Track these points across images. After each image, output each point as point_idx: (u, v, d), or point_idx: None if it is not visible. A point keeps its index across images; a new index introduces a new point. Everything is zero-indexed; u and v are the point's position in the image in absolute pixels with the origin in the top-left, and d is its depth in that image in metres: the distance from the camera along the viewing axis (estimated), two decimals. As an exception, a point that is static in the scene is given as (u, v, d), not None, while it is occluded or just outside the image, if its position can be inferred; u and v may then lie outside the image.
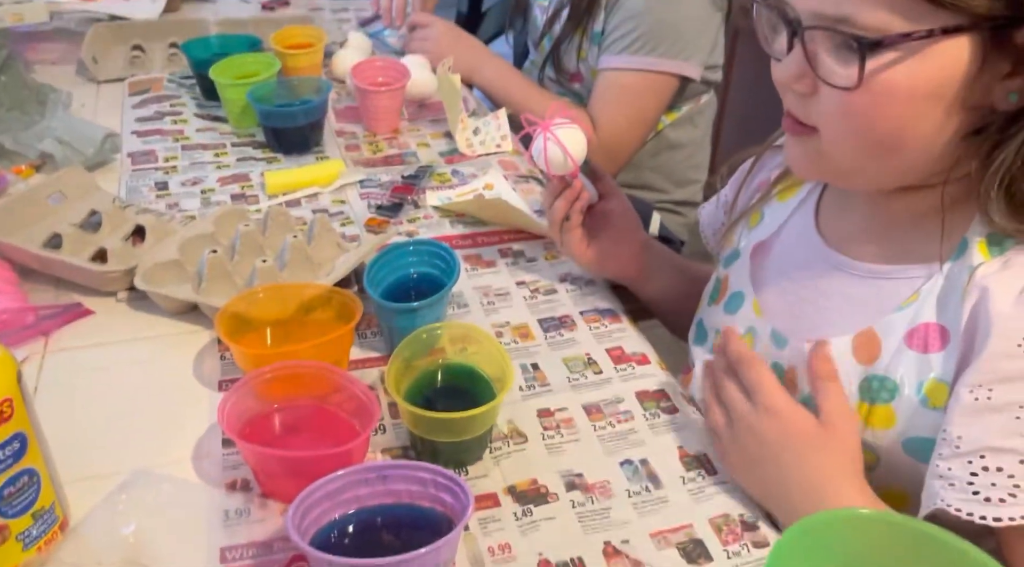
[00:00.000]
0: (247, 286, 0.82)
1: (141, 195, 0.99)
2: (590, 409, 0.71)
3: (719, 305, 0.77)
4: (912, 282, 0.61)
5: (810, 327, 0.66)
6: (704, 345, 0.78)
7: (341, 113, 1.22)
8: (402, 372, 0.68)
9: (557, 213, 0.81)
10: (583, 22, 1.29)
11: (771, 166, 0.78)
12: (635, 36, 1.22)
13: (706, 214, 0.91)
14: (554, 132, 0.75)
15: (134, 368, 0.75)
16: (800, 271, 0.69)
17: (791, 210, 0.74)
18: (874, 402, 0.60)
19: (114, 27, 1.38)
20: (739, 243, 0.78)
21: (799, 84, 0.58)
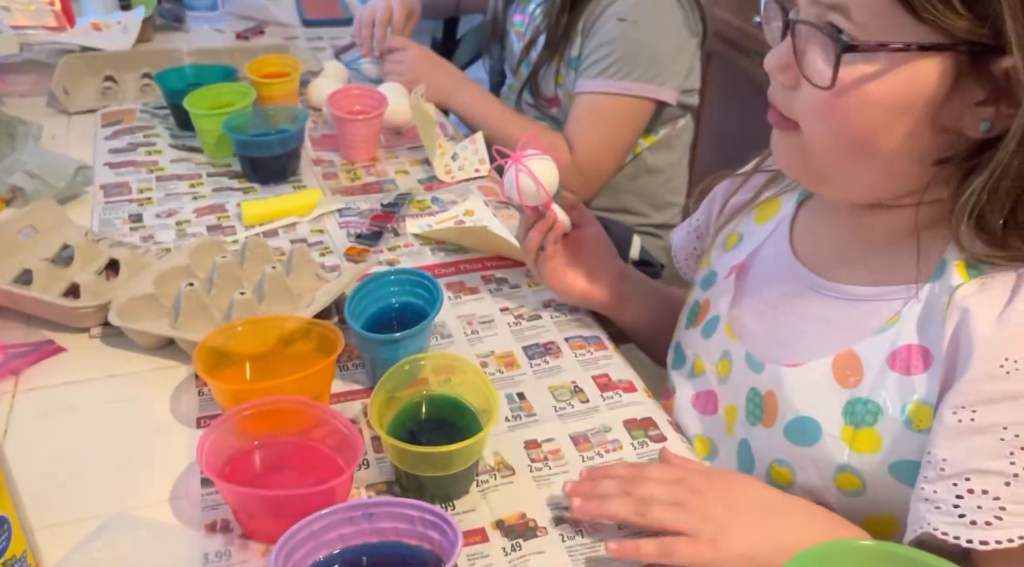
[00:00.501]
0: (225, 319, 0.80)
1: (115, 228, 0.97)
2: (578, 439, 0.70)
3: (696, 329, 0.76)
4: (891, 304, 0.60)
5: (788, 351, 0.65)
6: (682, 369, 0.77)
7: (318, 141, 1.21)
8: (385, 405, 0.67)
9: (532, 243, 0.80)
10: (560, 48, 1.30)
11: (747, 188, 0.78)
12: (611, 61, 1.23)
13: (678, 239, 0.91)
14: (526, 164, 0.74)
15: (109, 407, 0.73)
16: (777, 294, 0.69)
17: (768, 231, 0.73)
18: (859, 426, 0.60)
19: (86, 58, 1.37)
20: (715, 264, 0.78)
21: (783, 75, 0.57)
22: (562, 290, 0.84)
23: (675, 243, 0.91)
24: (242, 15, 1.65)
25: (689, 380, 0.75)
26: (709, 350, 0.73)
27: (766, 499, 0.60)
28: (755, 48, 2.08)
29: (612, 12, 1.23)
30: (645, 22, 1.23)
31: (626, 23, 1.22)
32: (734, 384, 0.69)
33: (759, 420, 0.66)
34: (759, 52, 2.19)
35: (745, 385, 0.67)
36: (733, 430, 0.69)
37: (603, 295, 0.84)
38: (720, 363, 0.71)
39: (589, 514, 0.60)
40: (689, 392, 0.74)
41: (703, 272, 0.79)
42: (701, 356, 0.73)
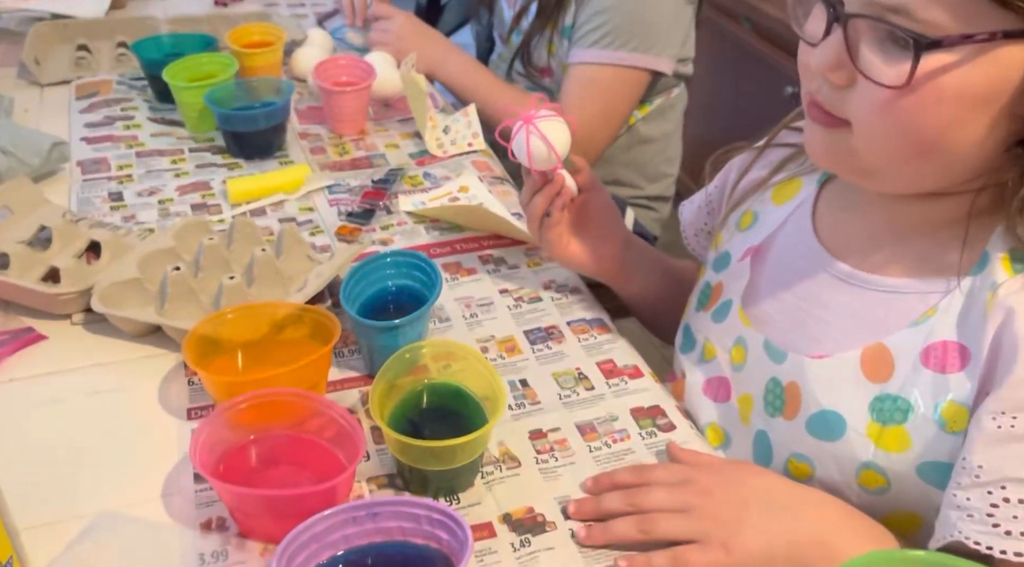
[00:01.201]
0: (213, 304, 0.77)
1: (94, 207, 0.93)
2: (584, 428, 0.68)
3: (707, 312, 0.74)
4: (926, 296, 0.58)
5: (812, 341, 0.63)
6: (692, 352, 0.74)
7: (304, 114, 1.16)
8: (385, 394, 0.64)
9: (537, 209, 0.77)
10: (553, 16, 1.26)
11: (763, 164, 0.75)
12: (606, 30, 1.19)
13: (688, 214, 0.88)
14: (537, 125, 0.71)
15: (93, 398, 0.70)
16: (798, 281, 0.66)
17: (787, 213, 0.70)
18: (886, 423, 0.58)
19: (57, 26, 1.30)
20: (728, 245, 0.75)
21: (834, 75, 0.53)
22: (566, 258, 0.81)
23: (684, 218, 0.88)
24: (220, -20, 1.59)
25: (699, 365, 0.72)
26: (721, 335, 0.70)
27: (778, 492, 0.58)
28: (745, 14, 2.04)
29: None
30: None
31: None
32: (751, 373, 0.67)
33: (779, 412, 0.64)
34: (749, 18, 2.14)
35: (764, 374, 0.65)
36: (749, 420, 0.67)
37: (607, 264, 0.82)
38: (734, 350, 0.69)
39: (595, 542, 0.58)
40: (700, 378, 0.72)
41: (715, 252, 0.76)
42: (712, 341, 0.71)
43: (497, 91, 1.26)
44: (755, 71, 2.04)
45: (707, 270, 0.77)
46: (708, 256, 0.78)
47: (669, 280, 0.87)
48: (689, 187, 2.49)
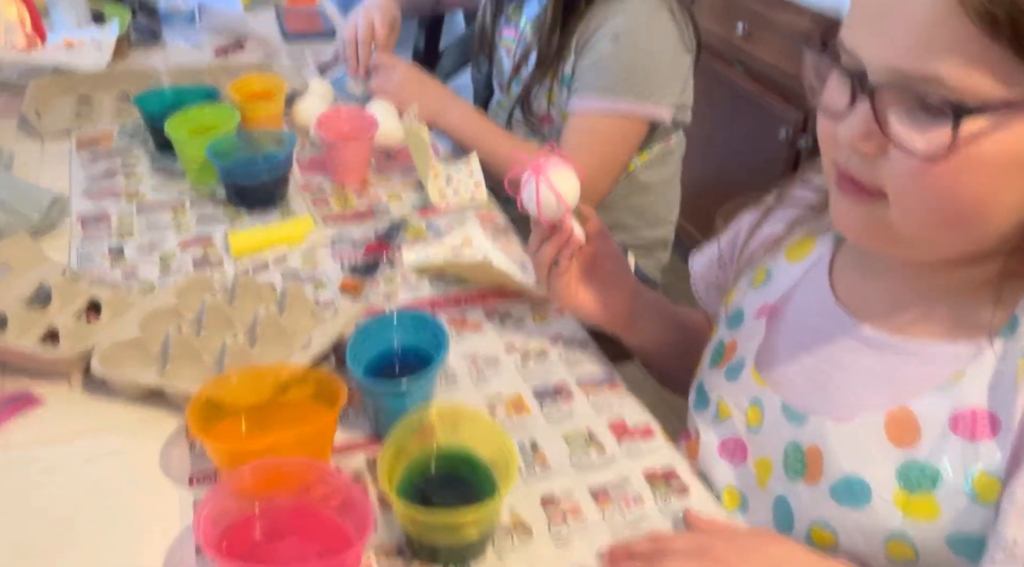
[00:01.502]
0: (216, 365, 0.75)
1: (94, 263, 0.92)
2: (597, 494, 0.66)
3: (720, 370, 0.72)
4: (952, 360, 0.57)
5: (833, 403, 0.62)
6: (705, 411, 0.73)
7: (306, 165, 1.16)
8: (393, 461, 0.63)
9: (545, 257, 0.76)
10: (553, 66, 1.26)
11: (775, 220, 0.74)
12: (606, 79, 1.19)
13: (698, 267, 0.87)
14: (548, 176, 0.71)
15: (92, 466, 0.68)
16: (817, 341, 0.65)
17: (802, 271, 0.69)
18: (914, 491, 0.56)
19: (58, 78, 1.31)
20: (741, 302, 0.74)
21: (865, 145, 0.52)
22: (574, 307, 0.80)
23: (694, 270, 0.87)
24: (221, 30, 1.60)
25: (714, 425, 0.71)
26: (736, 395, 0.69)
27: (799, 562, 0.57)
28: (738, 58, 2.07)
29: (606, 30, 1.20)
30: (640, 40, 1.20)
31: (620, 41, 1.19)
32: (768, 435, 0.65)
33: (800, 476, 0.62)
34: (742, 62, 2.16)
35: (782, 437, 0.64)
36: (767, 484, 0.65)
37: (616, 313, 0.81)
38: (750, 410, 0.67)
39: None
40: (714, 438, 0.70)
41: (728, 309, 0.75)
42: (727, 400, 0.70)
43: (499, 140, 1.26)
44: (749, 115, 2.05)
45: (720, 327, 0.76)
46: (720, 312, 0.77)
47: (677, 330, 0.86)
48: (689, 232, 2.49)
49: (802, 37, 1.78)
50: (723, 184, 2.23)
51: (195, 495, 0.66)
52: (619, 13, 1.19)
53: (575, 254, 0.77)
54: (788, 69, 1.86)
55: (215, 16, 1.59)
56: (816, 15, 1.75)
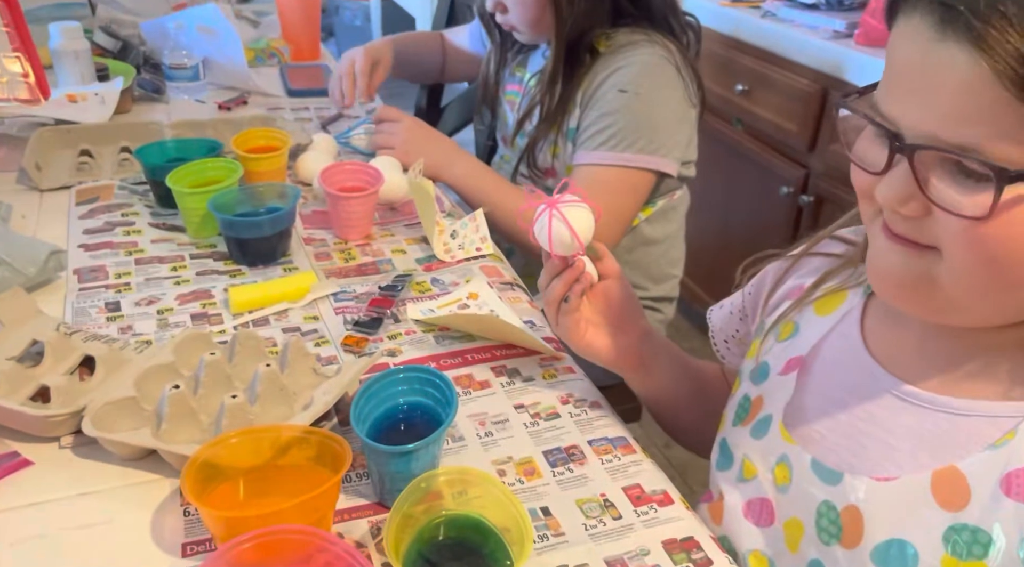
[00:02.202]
0: (214, 424, 0.72)
1: (90, 318, 0.89)
2: (614, 565, 0.63)
3: (745, 427, 0.69)
4: (999, 419, 0.54)
5: (872, 462, 0.58)
6: (729, 470, 0.70)
7: (308, 219, 1.14)
8: (400, 530, 0.59)
9: (555, 294, 0.75)
10: (557, 120, 1.26)
11: (801, 272, 0.72)
12: (612, 132, 1.19)
13: (717, 320, 0.85)
14: (561, 210, 0.69)
15: (80, 533, 0.64)
16: (850, 398, 0.62)
17: (831, 324, 0.66)
18: (964, 557, 0.53)
19: (60, 131, 1.30)
20: (765, 355, 0.71)
21: (906, 208, 0.51)
22: (582, 346, 0.78)
23: (713, 324, 0.85)
24: (224, 85, 1.60)
25: (738, 485, 0.67)
26: (762, 452, 0.66)
27: None
28: (736, 115, 2.08)
29: (612, 83, 1.20)
30: (646, 93, 1.20)
31: (627, 94, 1.19)
32: (797, 494, 0.62)
33: (836, 539, 0.58)
34: (740, 120, 2.17)
35: (814, 497, 0.60)
36: (799, 547, 0.61)
37: (626, 355, 0.78)
38: (777, 469, 0.64)
39: None
40: (739, 499, 0.67)
41: (752, 363, 0.72)
42: (752, 458, 0.67)
43: (506, 192, 1.25)
44: (750, 172, 2.06)
45: (743, 381, 0.73)
46: (743, 366, 0.74)
47: (689, 379, 0.84)
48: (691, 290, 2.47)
49: (801, 95, 1.80)
50: (725, 242, 2.23)
51: (188, 566, 0.62)
52: (625, 66, 1.19)
53: (586, 292, 0.75)
54: (788, 127, 1.87)
55: (219, 72, 1.59)
56: (815, 73, 1.76)
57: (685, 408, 0.83)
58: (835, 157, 1.76)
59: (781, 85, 1.87)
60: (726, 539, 0.67)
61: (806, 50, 1.78)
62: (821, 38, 1.75)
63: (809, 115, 1.79)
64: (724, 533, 0.68)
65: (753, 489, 0.66)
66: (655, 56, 1.20)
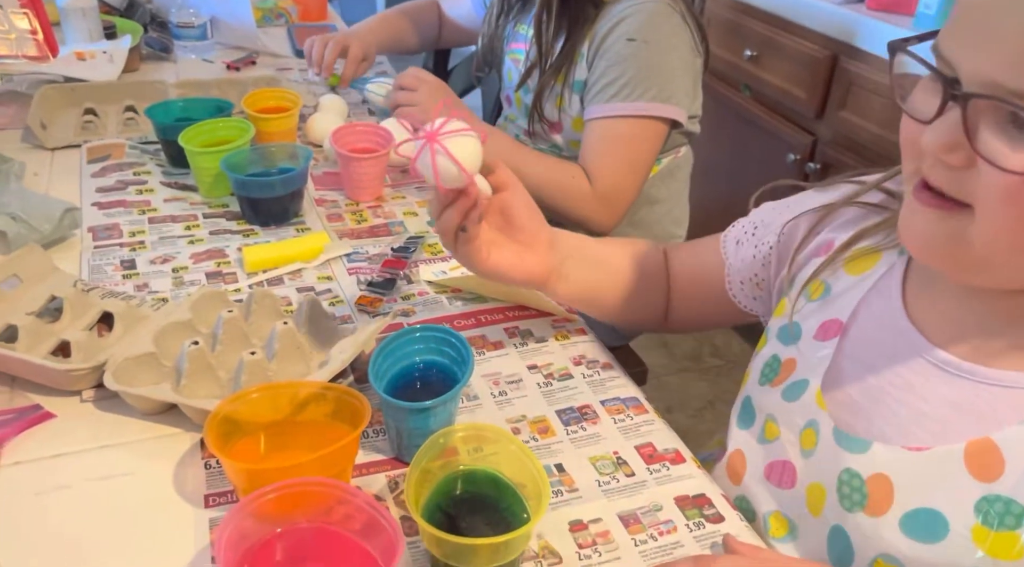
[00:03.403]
0: (232, 381, 0.73)
1: (106, 275, 0.90)
2: (627, 519, 0.64)
3: (775, 389, 0.67)
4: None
5: (904, 431, 0.58)
6: (750, 429, 0.69)
7: (320, 180, 1.14)
8: (419, 484, 0.61)
9: (449, 224, 0.69)
10: (562, 70, 1.24)
11: (836, 225, 0.69)
12: (623, 82, 1.17)
13: (736, 258, 0.80)
14: (443, 143, 0.64)
15: (103, 484, 0.65)
16: (886, 365, 0.60)
17: (867, 287, 0.65)
18: (996, 528, 0.52)
19: (64, 89, 1.29)
20: (796, 315, 0.69)
21: (950, 156, 0.49)
22: (488, 271, 0.72)
23: (732, 262, 0.81)
24: (232, 45, 1.59)
25: (761, 445, 0.67)
26: (791, 416, 0.65)
27: None
28: (744, 81, 2.07)
29: (619, 33, 1.18)
30: (655, 41, 1.18)
31: (636, 43, 1.17)
32: (821, 460, 0.62)
33: (860, 506, 0.58)
34: (748, 86, 2.16)
35: (837, 464, 0.60)
36: (821, 513, 0.61)
37: (534, 271, 0.74)
38: (805, 433, 0.63)
39: None
40: (760, 460, 0.67)
41: (781, 321, 0.70)
42: (778, 420, 0.66)
43: (521, 156, 1.23)
44: (757, 139, 2.05)
45: (771, 340, 0.71)
46: (771, 323, 0.73)
47: (607, 273, 0.81)
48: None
49: (810, 61, 1.78)
50: (731, 208, 2.22)
51: (210, 515, 0.63)
52: (631, 16, 1.17)
53: (483, 216, 0.71)
54: (796, 93, 1.86)
55: (227, 31, 1.58)
56: (825, 39, 1.75)
57: (608, 298, 0.80)
58: (843, 124, 1.75)
59: (790, 51, 1.86)
60: (743, 499, 0.68)
61: (816, 15, 1.77)
62: (832, 3, 1.73)
63: (818, 82, 1.78)
64: (742, 493, 0.68)
65: (775, 451, 0.66)
66: (660, 4, 1.18)
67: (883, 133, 1.65)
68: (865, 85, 1.67)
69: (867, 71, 1.66)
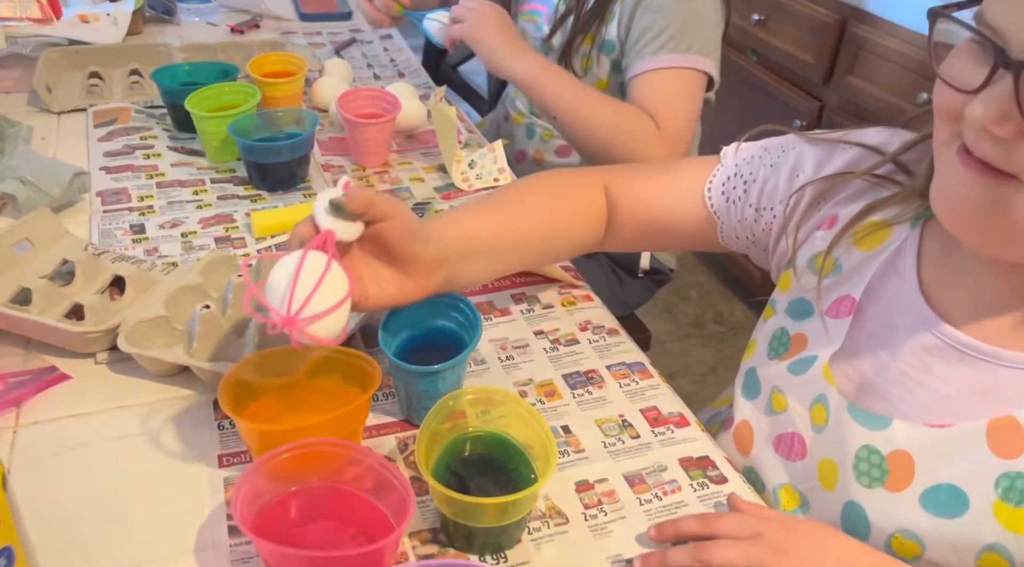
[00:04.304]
0: (244, 344, 0.74)
1: (116, 239, 0.91)
2: (632, 480, 0.66)
3: (783, 363, 0.67)
4: None
5: (924, 409, 0.58)
6: (756, 399, 0.69)
7: (325, 145, 1.15)
8: (429, 446, 0.62)
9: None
10: (591, 29, 1.21)
11: (838, 199, 0.67)
12: (670, 34, 1.12)
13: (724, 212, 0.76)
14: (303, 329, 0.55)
15: (120, 443, 0.67)
16: (903, 345, 0.60)
17: (879, 262, 0.63)
18: (1018, 503, 0.53)
19: (69, 52, 1.28)
20: (804, 291, 0.67)
21: (1000, 128, 0.47)
22: (371, 307, 0.63)
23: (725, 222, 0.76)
24: (236, 7, 1.58)
25: (768, 416, 0.67)
26: (799, 389, 0.65)
27: (861, 562, 0.55)
28: (752, 46, 2.05)
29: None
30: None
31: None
32: (835, 436, 0.61)
33: (879, 482, 0.59)
34: (756, 51, 2.12)
35: (854, 440, 0.60)
36: (835, 488, 0.61)
37: (418, 295, 0.65)
38: (815, 408, 0.63)
39: None
40: (768, 431, 0.67)
41: (787, 295, 0.70)
42: (786, 393, 0.66)
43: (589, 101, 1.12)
44: (764, 105, 2.04)
45: (777, 313, 0.71)
46: (775, 296, 0.72)
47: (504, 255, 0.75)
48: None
49: (819, 25, 1.77)
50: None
51: (224, 475, 0.65)
52: None
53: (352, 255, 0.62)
54: (804, 58, 1.84)
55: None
56: (834, 3, 1.73)
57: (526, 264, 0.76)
58: (850, 90, 1.74)
59: (798, 15, 1.84)
60: (751, 471, 0.68)
61: (826, -21, 1.75)
62: (843, -33, 1.71)
63: (826, 47, 1.77)
64: (750, 464, 0.68)
65: (783, 422, 0.66)
66: None
67: (891, 98, 1.64)
68: (873, 50, 1.66)
69: (876, 36, 1.65)
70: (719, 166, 0.78)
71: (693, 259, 2.40)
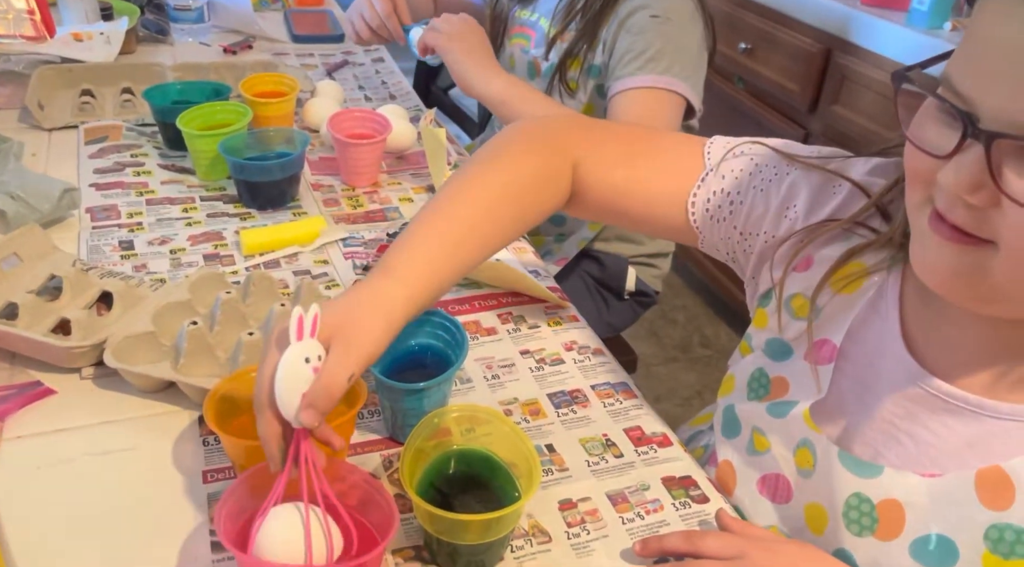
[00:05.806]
0: (231, 361, 0.75)
1: (104, 256, 0.91)
2: (615, 498, 0.66)
3: (761, 405, 0.66)
4: None
5: (912, 459, 0.57)
6: (736, 439, 0.68)
7: (316, 165, 1.15)
8: (413, 463, 0.62)
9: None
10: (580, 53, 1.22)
11: (817, 242, 0.65)
12: (651, 55, 1.14)
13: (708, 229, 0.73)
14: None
15: (104, 459, 0.67)
16: (888, 395, 0.59)
17: (859, 307, 0.62)
18: (1007, 556, 0.52)
19: (61, 70, 1.29)
20: (782, 331, 0.66)
21: (974, 197, 0.46)
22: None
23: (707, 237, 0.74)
24: (230, 28, 1.59)
25: (750, 456, 0.66)
26: (781, 432, 0.64)
27: None
28: (738, 74, 2.08)
29: (643, 13, 1.15)
30: (677, 20, 1.16)
31: (660, 19, 1.15)
32: (823, 481, 0.61)
33: (869, 531, 0.58)
34: (743, 78, 2.15)
35: (844, 487, 0.59)
36: (824, 533, 0.61)
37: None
38: (799, 453, 0.63)
39: None
40: (752, 473, 0.66)
41: (763, 333, 0.68)
42: (767, 435, 0.65)
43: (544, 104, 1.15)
44: (748, 131, 2.04)
45: (755, 351, 0.69)
46: (750, 332, 0.71)
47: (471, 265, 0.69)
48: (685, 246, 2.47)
49: (804, 55, 1.80)
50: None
51: (208, 490, 0.65)
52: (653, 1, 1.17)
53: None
54: (790, 87, 1.87)
55: (224, 15, 1.58)
56: (820, 34, 1.77)
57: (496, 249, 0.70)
58: (835, 119, 1.77)
59: (785, 45, 1.87)
60: (738, 511, 0.67)
61: (812, 10, 1.78)
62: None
63: (811, 76, 1.80)
64: (736, 504, 0.67)
65: (767, 464, 0.65)
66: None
67: (874, 128, 1.67)
68: (858, 80, 1.69)
69: (860, 66, 1.68)
70: (704, 174, 0.74)
71: (679, 282, 2.42)
